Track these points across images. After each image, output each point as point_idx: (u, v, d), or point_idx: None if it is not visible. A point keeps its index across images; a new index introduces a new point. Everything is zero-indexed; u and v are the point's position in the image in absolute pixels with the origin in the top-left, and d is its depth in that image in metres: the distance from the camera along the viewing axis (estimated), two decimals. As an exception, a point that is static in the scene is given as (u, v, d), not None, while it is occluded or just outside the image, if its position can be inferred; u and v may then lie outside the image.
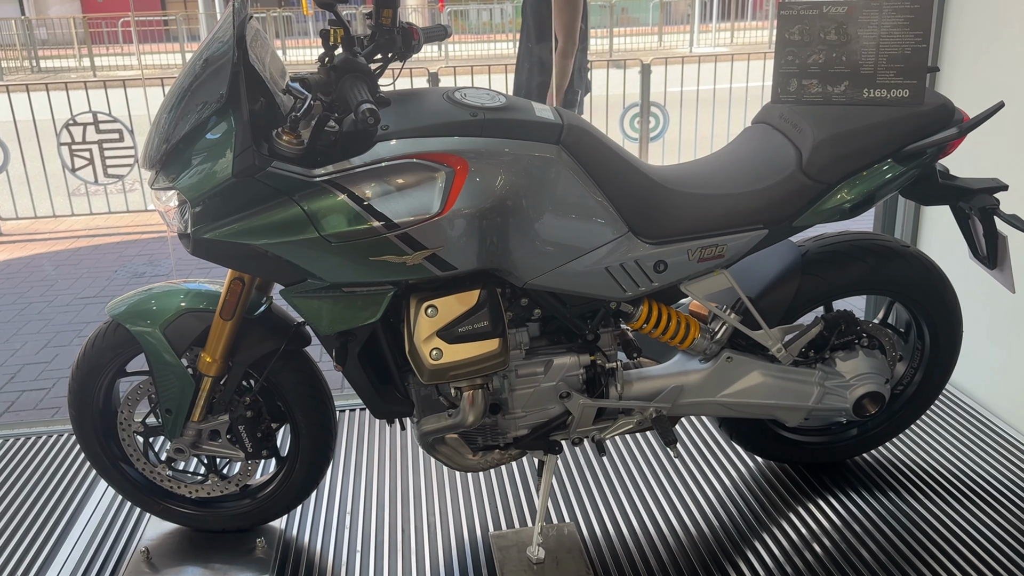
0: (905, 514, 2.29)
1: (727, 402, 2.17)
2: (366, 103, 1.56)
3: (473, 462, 2.10)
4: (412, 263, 1.78)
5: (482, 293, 1.85)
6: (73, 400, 2.13)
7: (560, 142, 1.85)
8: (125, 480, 2.22)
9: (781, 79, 2.09)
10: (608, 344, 2.10)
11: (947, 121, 2.01)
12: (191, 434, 2.08)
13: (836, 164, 1.97)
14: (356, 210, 1.73)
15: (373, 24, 1.90)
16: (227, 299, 1.95)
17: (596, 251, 1.91)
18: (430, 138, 1.77)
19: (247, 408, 2.07)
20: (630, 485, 2.44)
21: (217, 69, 1.69)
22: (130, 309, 2.05)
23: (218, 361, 2.00)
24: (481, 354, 1.84)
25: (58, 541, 2.29)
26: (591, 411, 2.09)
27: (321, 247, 1.75)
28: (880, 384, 2.21)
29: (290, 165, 1.71)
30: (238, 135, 1.67)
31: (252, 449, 2.10)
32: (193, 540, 2.26)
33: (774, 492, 2.40)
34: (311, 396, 2.12)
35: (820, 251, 2.19)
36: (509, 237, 1.83)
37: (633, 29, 18.11)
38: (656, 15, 18.09)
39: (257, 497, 2.25)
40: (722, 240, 1.99)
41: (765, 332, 2.12)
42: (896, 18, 1.98)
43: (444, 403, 2.01)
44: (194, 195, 1.72)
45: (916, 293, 2.24)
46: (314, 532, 2.30)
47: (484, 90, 1.96)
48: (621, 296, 1.99)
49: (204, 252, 1.79)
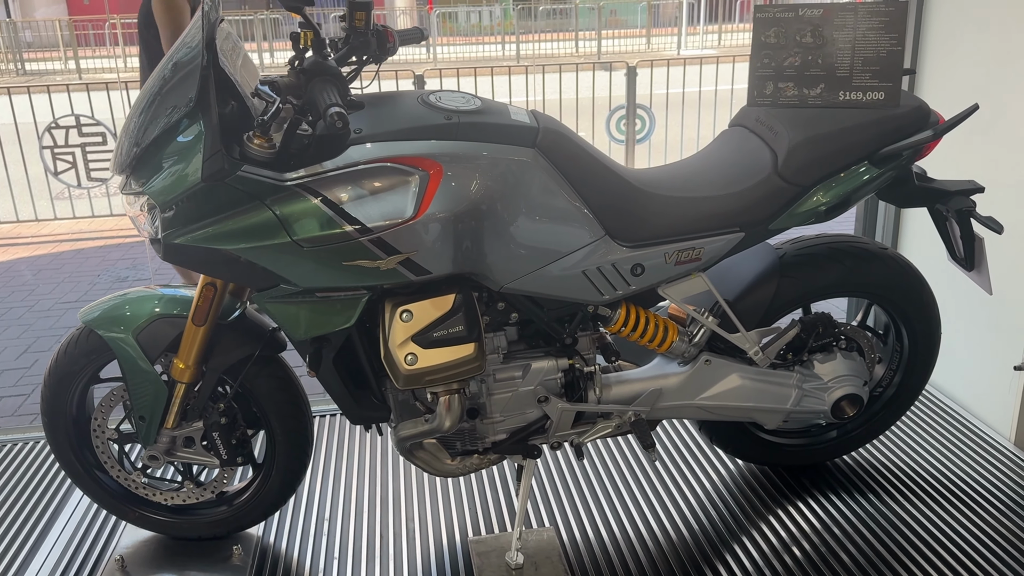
0: (885, 516, 2.29)
1: (706, 405, 2.16)
2: (334, 107, 1.55)
3: (451, 467, 2.09)
4: (386, 268, 1.76)
5: (457, 298, 1.84)
6: (46, 407, 2.11)
7: (536, 145, 1.84)
8: (100, 488, 2.19)
9: (757, 82, 2.09)
10: (586, 348, 2.09)
11: (923, 123, 2.02)
12: (165, 441, 2.06)
13: (811, 167, 1.97)
14: (329, 214, 1.71)
15: (347, 27, 1.90)
16: (199, 305, 1.93)
17: (573, 254, 1.91)
18: (404, 141, 1.76)
19: (221, 415, 2.05)
20: (610, 489, 2.44)
21: (187, 73, 1.68)
22: (103, 315, 2.03)
23: (191, 367, 1.98)
24: (457, 359, 1.83)
25: (32, 549, 2.26)
26: (570, 415, 2.08)
27: (293, 251, 1.73)
28: (858, 386, 2.20)
29: (261, 169, 1.69)
30: (207, 139, 1.65)
31: (227, 456, 2.09)
32: (169, 548, 2.24)
33: (754, 495, 2.40)
34: (286, 402, 2.10)
35: (797, 253, 2.19)
36: (484, 241, 1.82)
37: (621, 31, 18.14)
38: (644, 17, 18.13)
39: (233, 504, 2.23)
40: (699, 243, 1.98)
41: (742, 335, 2.11)
42: (871, 21, 1.98)
43: (421, 408, 2.00)
44: (164, 199, 1.71)
45: (894, 295, 2.24)
46: (291, 539, 2.28)
47: (459, 93, 1.95)
48: (598, 299, 1.98)
49: (175, 257, 1.77)
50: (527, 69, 7.18)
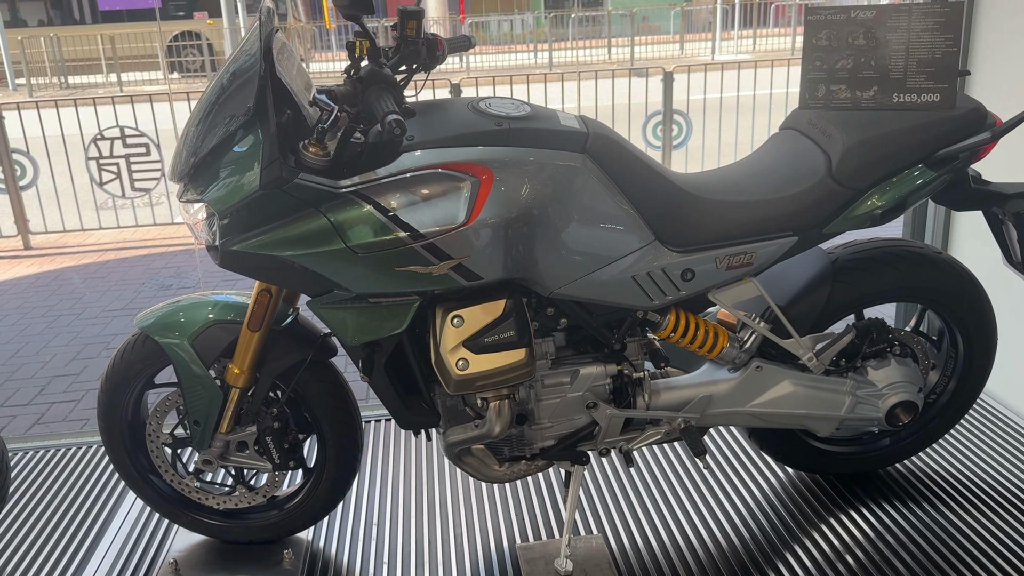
0: (940, 525, 2.24)
1: (757, 412, 2.14)
2: (392, 114, 1.56)
3: (499, 473, 2.09)
4: (438, 273, 1.77)
5: (508, 303, 1.84)
6: (102, 412, 2.14)
7: (585, 150, 1.84)
8: (153, 492, 2.22)
9: (809, 85, 2.07)
10: (635, 354, 2.08)
11: (979, 125, 1.98)
12: (219, 445, 2.08)
13: (866, 169, 1.95)
14: (382, 221, 1.72)
15: (398, 36, 1.91)
16: (254, 311, 1.95)
17: (622, 260, 1.90)
18: (455, 148, 1.77)
19: (274, 419, 2.08)
20: (658, 496, 2.42)
21: (244, 82, 1.70)
22: (159, 321, 2.06)
23: (246, 372, 2.01)
24: (507, 364, 1.83)
25: (87, 553, 2.30)
26: (618, 421, 2.07)
27: (347, 258, 1.75)
28: (913, 393, 2.17)
29: (316, 177, 1.71)
30: (265, 147, 1.68)
31: (279, 460, 2.11)
32: (221, 552, 2.26)
33: (805, 503, 2.37)
34: (337, 407, 2.11)
35: (850, 258, 2.16)
36: (535, 246, 1.82)
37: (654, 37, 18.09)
38: (677, 23, 18.06)
39: (284, 508, 2.25)
40: (750, 248, 1.97)
41: (795, 341, 2.09)
42: (926, 22, 1.95)
43: (470, 414, 2.00)
44: (222, 207, 1.73)
45: (949, 300, 2.20)
46: (341, 543, 2.29)
47: (509, 99, 1.95)
48: (648, 305, 1.97)
49: (232, 264, 1.80)
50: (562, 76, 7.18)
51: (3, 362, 4.31)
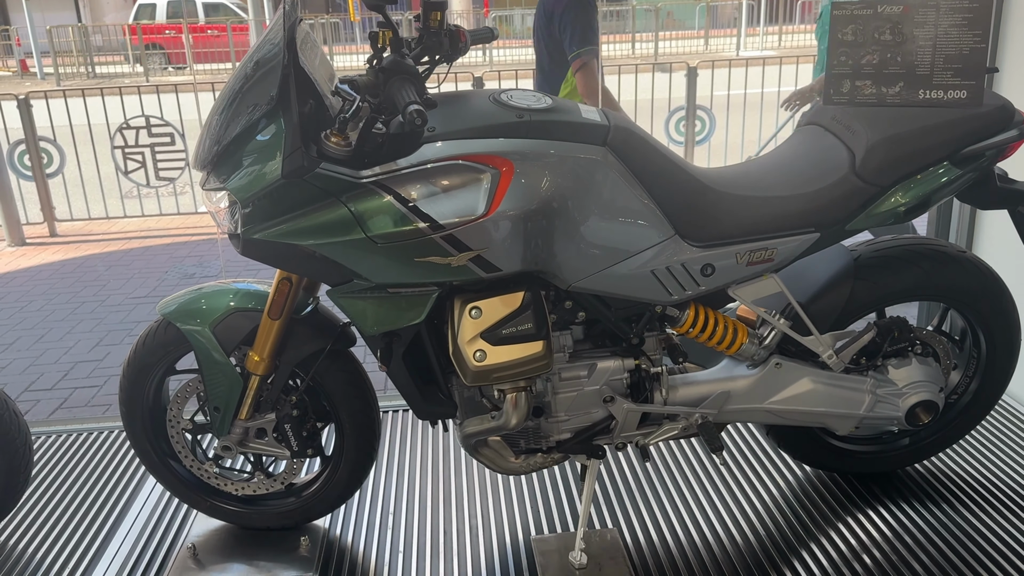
0: (959, 526, 2.22)
1: (775, 409, 2.13)
2: (414, 104, 1.57)
3: (515, 465, 2.09)
4: (457, 264, 1.78)
5: (526, 295, 1.84)
6: (124, 397, 2.17)
7: (606, 144, 1.84)
8: (173, 477, 2.25)
9: (834, 80, 2.05)
10: (653, 348, 2.08)
11: (1007, 123, 1.96)
12: (238, 432, 2.10)
13: (891, 166, 1.93)
14: (402, 211, 1.73)
15: (421, 27, 1.92)
16: (275, 299, 1.97)
17: (642, 254, 1.89)
18: (476, 140, 1.77)
19: (293, 407, 2.09)
20: (674, 491, 2.41)
21: (268, 71, 1.71)
22: (180, 308, 2.08)
23: (266, 360, 2.02)
24: (525, 356, 1.83)
25: (107, 536, 2.33)
26: (635, 416, 2.07)
27: (367, 248, 1.75)
28: (934, 393, 2.15)
29: (338, 166, 1.72)
30: (288, 137, 1.69)
31: (297, 448, 2.12)
32: (239, 537, 2.28)
33: (822, 501, 2.35)
34: (356, 396, 2.13)
35: (873, 256, 2.14)
36: (554, 239, 1.82)
37: (679, 33, 17.97)
38: (702, 19, 17.94)
39: (302, 496, 2.26)
40: (772, 243, 1.95)
41: (816, 338, 2.07)
42: (954, 17, 1.93)
43: (487, 405, 2.01)
44: (244, 196, 1.74)
45: (972, 300, 2.18)
46: (357, 532, 2.31)
47: (530, 92, 1.95)
48: (667, 300, 1.97)
49: (254, 252, 1.81)
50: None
51: (28, 347, 4.37)
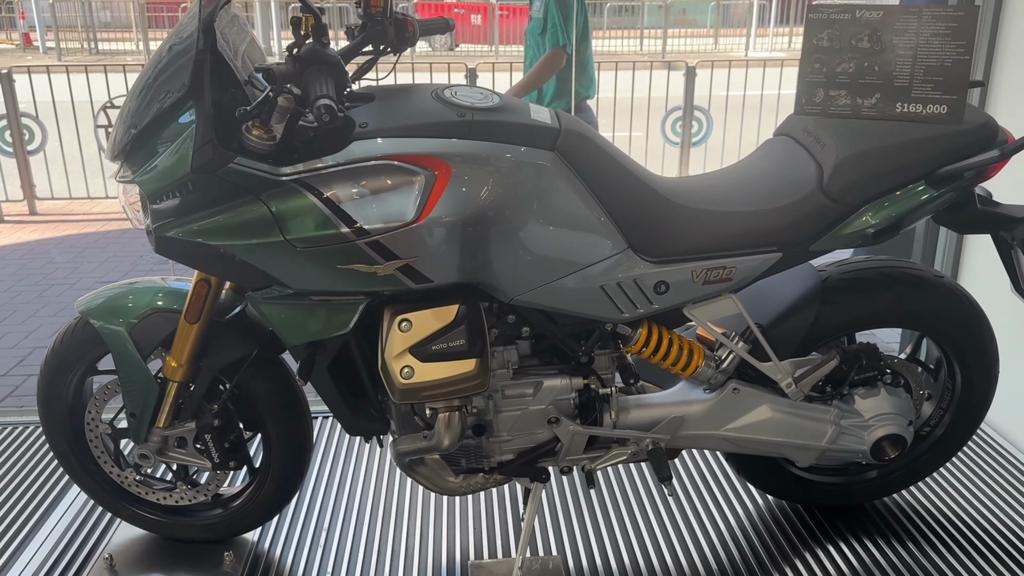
0: (931, 565, 2.09)
1: (731, 437, 1.99)
2: (323, 99, 1.44)
3: (454, 485, 1.97)
4: (383, 274, 1.64)
5: (461, 308, 1.71)
6: (42, 397, 2.04)
7: (555, 148, 1.71)
8: (93, 482, 2.12)
9: (806, 88, 1.92)
10: (604, 367, 1.95)
11: (989, 142, 1.82)
12: (157, 440, 1.98)
13: (860, 184, 1.79)
14: (325, 213, 1.60)
15: (363, 13, 1.78)
16: (192, 301, 1.84)
17: (590, 268, 1.76)
18: (411, 138, 1.64)
19: (215, 416, 1.96)
20: (626, 517, 2.28)
21: (181, 56, 1.58)
22: (101, 305, 1.95)
23: (184, 366, 1.89)
24: (455, 375, 1.70)
25: (25, 540, 2.20)
26: (582, 439, 1.94)
27: (286, 252, 1.62)
28: (902, 427, 2.01)
29: (256, 162, 1.59)
30: (199, 128, 1.55)
31: (219, 460, 1.99)
32: (161, 548, 2.16)
33: (782, 534, 2.22)
34: (284, 407, 2.00)
35: (842, 277, 2.01)
36: (493, 250, 1.69)
37: (689, 31, 17.77)
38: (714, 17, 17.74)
39: (229, 508, 2.14)
40: (730, 262, 1.82)
41: (774, 364, 1.94)
42: (936, 26, 1.78)
43: (420, 424, 1.88)
44: (153, 190, 1.61)
45: (947, 328, 2.04)
46: (287, 548, 2.18)
47: (479, 89, 1.82)
48: (617, 317, 1.83)
49: (167, 251, 1.69)
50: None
51: (-12, 330, 4.25)
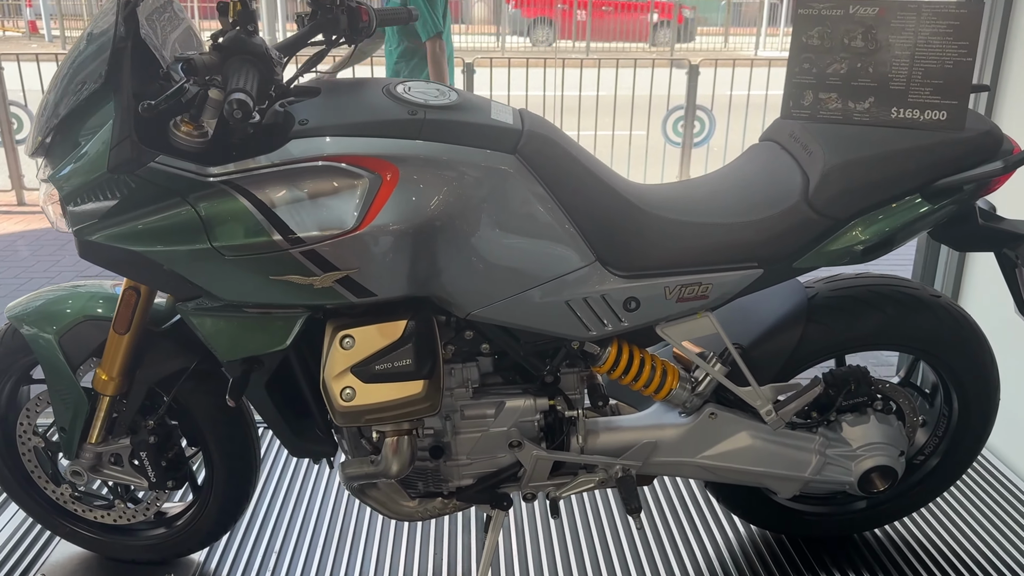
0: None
1: (708, 465, 1.85)
2: (237, 93, 1.29)
3: (409, 510, 1.83)
4: (320, 286, 1.50)
5: (409, 325, 1.56)
6: (-30, 407, 1.91)
7: (516, 151, 1.56)
8: (29, 498, 1.99)
9: (794, 91, 1.76)
10: (571, 387, 1.80)
11: (992, 152, 1.66)
12: (90, 457, 1.84)
13: (848, 196, 1.64)
14: (256, 219, 1.46)
15: (311, 0, 1.64)
16: (120, 311, 1.70)
17: (554, 282, 1.62)
18: (356, 138, 1.49)
19: (151, 432, 1.82)
20: (597, 545, 2.13)
21: (100, 46, 1.44)
22: (33, 311, 1.82)
23: (116, 379, 1.76)
24: (400, 398, 1.56)
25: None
26: (546, 464, 1.80)
27: (214, 260, 1.48)
28: (892, 457, 1.86)
29: (181, 161, 1.44)
30: (116, 123, 1.41)
31: (156, 478, 1.85)
32: (100, 568, 2.03)
33: (763, 567, 2.07)
34: (227, 422, 1.86)
35: (831, 296, 1.86)
36: (446, 262, 1.55)
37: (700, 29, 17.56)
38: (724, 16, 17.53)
39: (173, 527, 2.01)
40: (707, 278, 1.67)
41: (753, 389, 1.79)
42: (937, 24, 1.63)
43: (367, 447, 1.74)
44: (69, 189, 1.47)
45: (944, 351, 1.89)
46: (234, 570, 2.04)
47: (435, 85, 1.67)
48: (584, 336, 1.69)
49: (90, 256, 1.54)
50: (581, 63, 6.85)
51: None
